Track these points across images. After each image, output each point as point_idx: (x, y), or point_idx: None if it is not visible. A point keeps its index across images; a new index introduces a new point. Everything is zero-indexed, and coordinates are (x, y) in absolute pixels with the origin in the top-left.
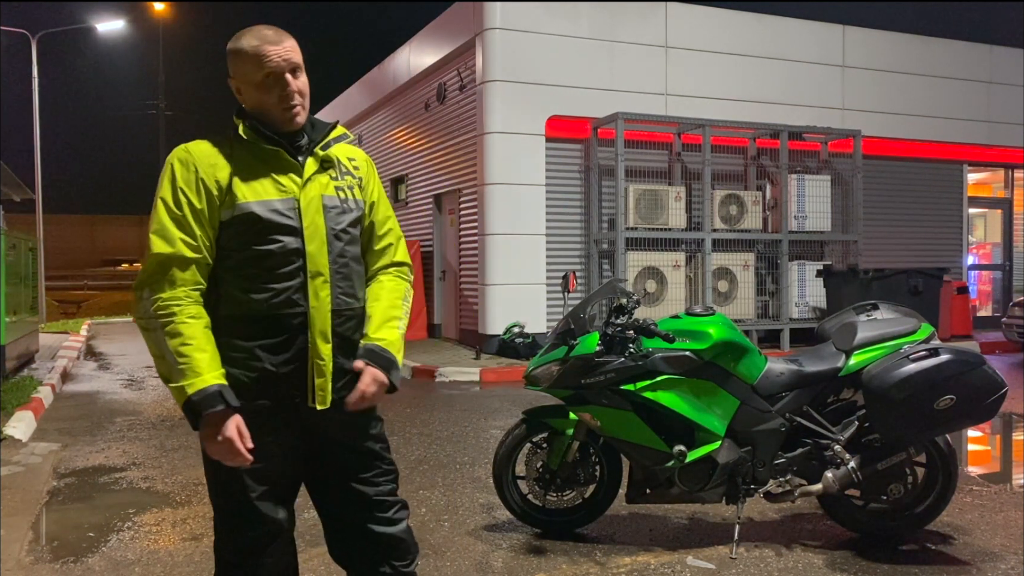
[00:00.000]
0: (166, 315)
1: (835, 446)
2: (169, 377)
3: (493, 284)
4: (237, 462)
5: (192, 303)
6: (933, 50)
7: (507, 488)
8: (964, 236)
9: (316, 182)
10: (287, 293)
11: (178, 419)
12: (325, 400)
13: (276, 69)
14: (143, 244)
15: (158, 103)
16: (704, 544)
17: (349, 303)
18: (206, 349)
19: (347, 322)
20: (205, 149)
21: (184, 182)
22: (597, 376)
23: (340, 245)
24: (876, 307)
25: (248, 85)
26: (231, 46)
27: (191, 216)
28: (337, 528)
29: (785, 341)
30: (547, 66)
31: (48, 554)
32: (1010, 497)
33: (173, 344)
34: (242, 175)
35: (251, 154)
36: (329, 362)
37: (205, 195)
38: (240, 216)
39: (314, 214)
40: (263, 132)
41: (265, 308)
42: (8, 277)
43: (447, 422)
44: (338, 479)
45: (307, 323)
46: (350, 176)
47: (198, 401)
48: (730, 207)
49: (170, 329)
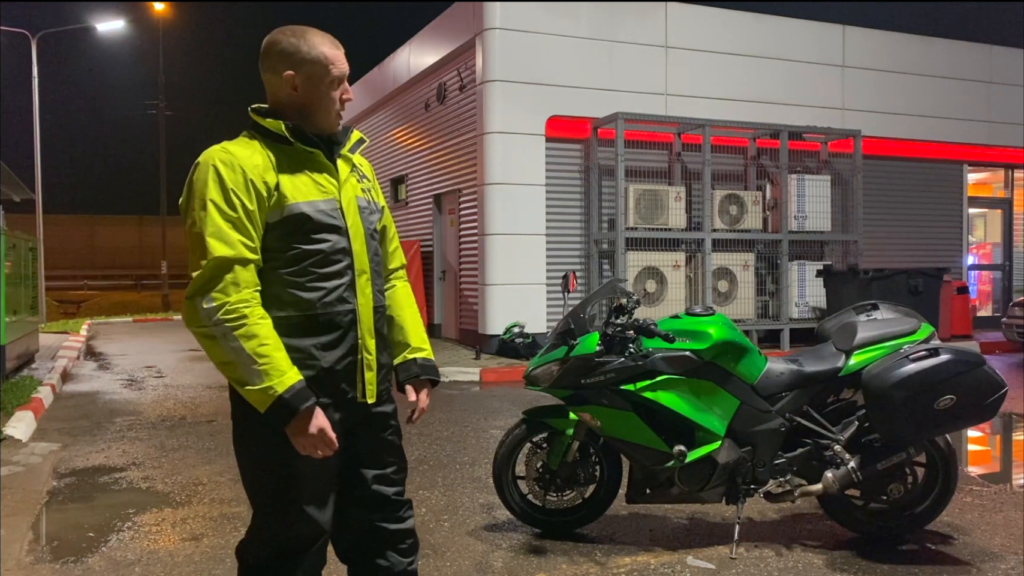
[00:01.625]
0: (236, 318)
1: (835, 446)
2: (247, 381)
3: (493, 284)
4: (329, 451)
5: (258, 304)
6: (933, 50)
7: (507, 488)
8: (964, 236)
9: (350, 183)
10: (338, 291)
11: (178, 419)
12: (373, 394)
13: (343, 74)
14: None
15: (158, 103)
16: (704, 544)
17: (382, 300)
18: (281, 348)
19: (382, 318)
20: (244, 150)
21: (233, 183)
22: (597, 376)
23: (375, 244)
24: (876, 307)
25: (313, 83)
26: (302, 46)
27: (245, 217)
28: (347, 529)
29: (785, 341)
30: (547, 66)
31: (48, 554)
32: (1010, 497)
33: (251, 346)
34: (286, 175)
35: (287, 155)
36: (374, 356)
37: (255, 196)
38: (289, 217)
39: (355, 214)
40: (306, 133)
41: (318, 306)
42: (8, 277)
43: (447, 422)
44: (362, 476)
45: (356, 320)
46: (366, 180)
47: (290, 398)
48: (730, 207)
49: (243, 332)
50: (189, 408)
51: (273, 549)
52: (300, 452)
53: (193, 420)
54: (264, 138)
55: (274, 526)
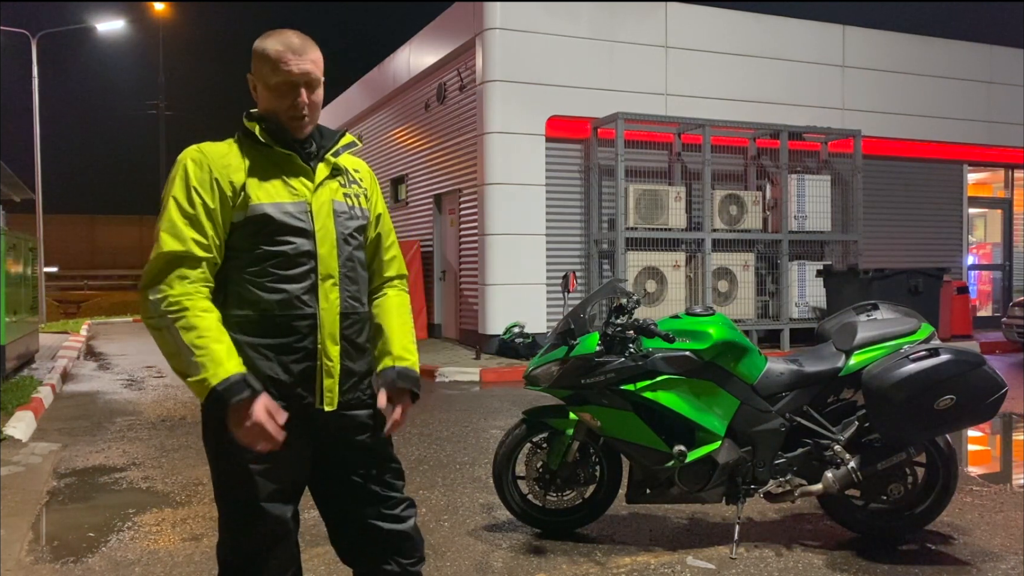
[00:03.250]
0: (178, 310)
1: (835, 446)
2: (187, 372)
3: (493, 284)
4: (271, 445)
5: (202, 298)
6: (933, 50)
7: (507, 488)
8: (964, 236)
9: (327, 187)
10: (297, 294)
11: (178, 419)
12: (333, 402)
13: (291, 79)
14: (147, 244)
15: (158, 103)
16: (704, 544)
17: (355, 307)
18: (222, 340)
19: (354, 325)
20: (218, 150)
21: (198, 181)
22: (597, 376)
23: (349, 249)
24: (876, 307)
25: (263, 86)
26: (256, 44)
27: (204, 215)
28: (344, 526)
29: (785, 341)
30: (547, 66)
31: (48, 554)
32: (1010, 497)
33: (188, 338)
34: (256, 177)
35: (264, 156)
36: (337, 364)
37: (219, 195)
38: (253, 217)
39: (325, 218)
40: (278, 136)
41: (275, 308)
42: (8, 277)
43: (447, 422)
44: (346, 478)
45: (316, 325)
46: (356, 185)
47: (223, 390)
48: (730, 207)
49: (183, 324)
50: (189, 408)
51: (238, 548)
52: (241, 445)
53: (193, 420)
54: (247, 139)
55: (234, 524)
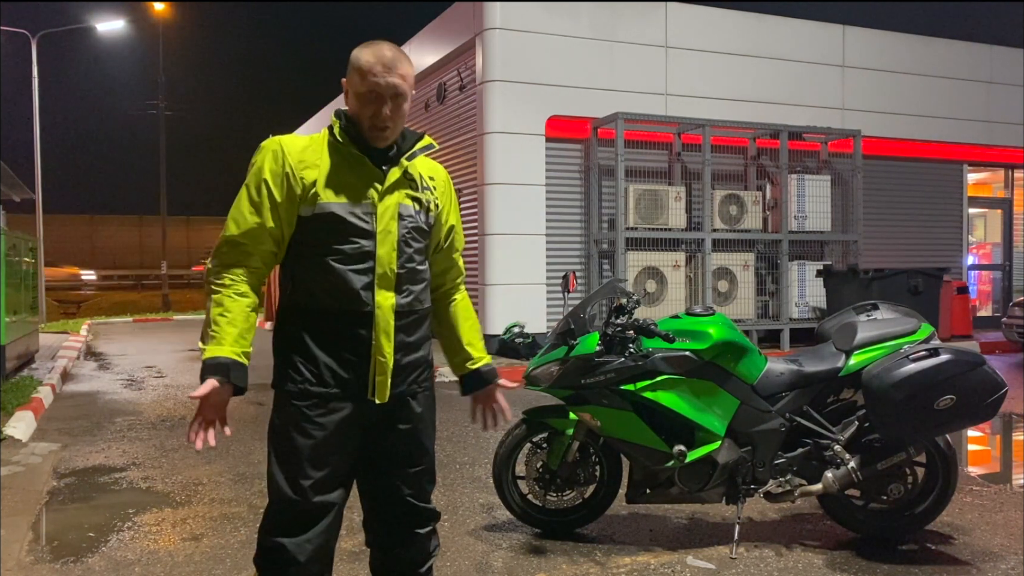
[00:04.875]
0: (219, 287)
1: (835, 446)
2: (203, 339)
3: (493, 284)
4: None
5: (244, 283)
6: (933, 50)
7: (507, 488)
8: (964, 236)
9: (396, 191)
10: (357, 290)
11: (178, 419)
12: (384, 395)
13: (377, 90)
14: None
15: (158, 103)
16: (704, 544)
17: (413, 306)
18: (237, 325)
19: (409, 323)
20: (297, 144)
21: (270, 173)
22: (597, 376)
23: (409, 251)
24: (876, 307)
25: (352, 93)
26: (353, 53)
27: (268, 206)
28: (374, 514)
29: (785, 341)
30: (547, 66)
31: (48, 554)
32: (1010, 497)
33: (214, 313)
34: (328, 175)
35: (340, 156)
36: (390, 360)
37: (287, 189)
38: (321, 215)
39: (389, 220)
40: (356, 137)
41: (335, 303)
42: (8, 277)
43: (447, 422)
44: (381, 470)
45: (371, 321)
46: (428, 192)
47: (207, 366)
48: (730, 207)
49: (216, 298)
50: (189, 408)
51: (279, 525)
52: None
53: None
54: (331, 135)
55: (278, 504)
